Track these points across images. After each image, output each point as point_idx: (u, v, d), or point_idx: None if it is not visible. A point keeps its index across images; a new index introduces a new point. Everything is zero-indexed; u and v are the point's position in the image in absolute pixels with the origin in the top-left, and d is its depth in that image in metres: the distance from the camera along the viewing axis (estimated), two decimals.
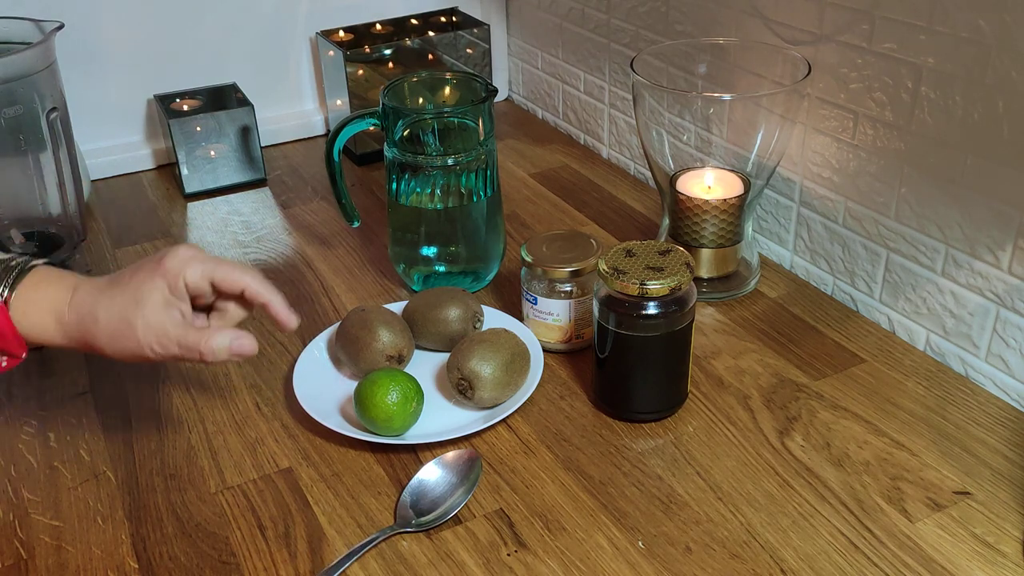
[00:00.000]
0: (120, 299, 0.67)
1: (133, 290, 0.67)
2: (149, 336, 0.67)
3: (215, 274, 0.69)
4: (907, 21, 0.80)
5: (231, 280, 0.70)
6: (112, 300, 0.67)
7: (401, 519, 0.70)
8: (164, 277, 0.68)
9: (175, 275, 0.68)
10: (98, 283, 0.69)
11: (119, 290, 0.68)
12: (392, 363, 0.82)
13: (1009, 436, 0.76)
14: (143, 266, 0.69)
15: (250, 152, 1.22)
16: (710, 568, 0.66)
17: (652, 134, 0.94)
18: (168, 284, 0.68)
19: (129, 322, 0.67)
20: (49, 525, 0.72)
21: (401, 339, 0.83)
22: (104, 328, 0.67)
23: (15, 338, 0.67)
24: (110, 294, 0.68)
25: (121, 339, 0.67)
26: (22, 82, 0.98)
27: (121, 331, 0.67)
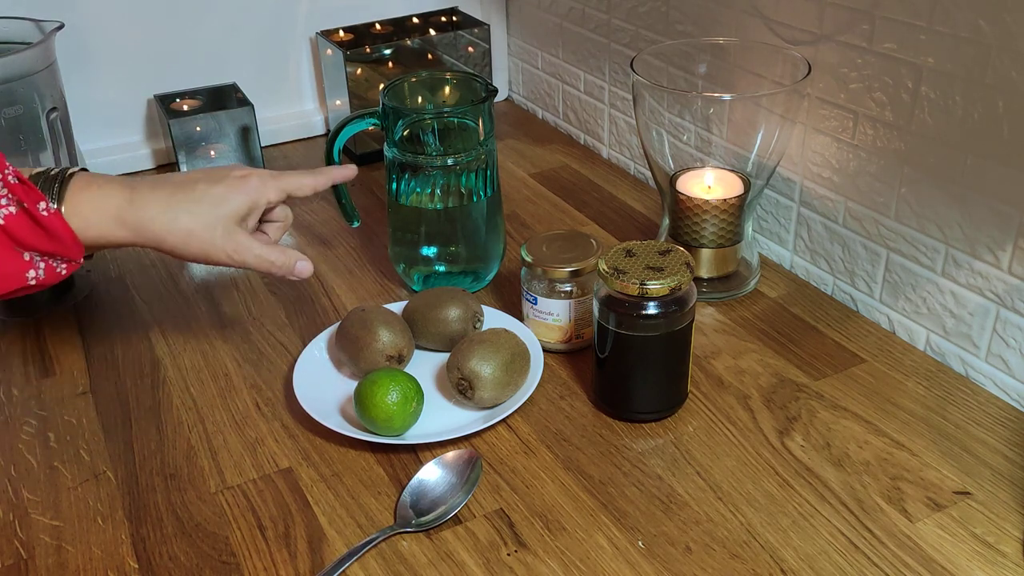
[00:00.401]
0: (202, 205, 0.73)
1: (215, 200, 0.73)
2: (228, 244, 0.74)
3: (291, 189, 0.78)
4: (907, 21, 0.80)
5: (305, 190, 0.80)
6: (193, 204, 0.73)
7: (401, 519, 0.70)
8: (248, 194, 0.75)
9: (260, 193, 0.75)
10: (165, 183, 0.74)
11: (198, 195, 0.73)
12: (392, 363, 0.82)
13: (1009, 436, 0.76)
14: (222, 178, 0.75)
15: (250, 152, 1.22)
16: (710, 568, 0.66)
17: (652, 134, 0.94)
18: (252, 200, 0.75)
19: (211, 227, 0.73)
20: (49, 525, 0.72)
21: (401, 339, 0.83)
22: (180, 229, 0.72)
23: (73, 242, 0.71)
24: (188, 197, 0.73)
25: (197, 241, 0.73)
26: (22, 82, 0.98)
27: (198, 234, 0.73)
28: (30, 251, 0.69)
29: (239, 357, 0.89)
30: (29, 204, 0.68)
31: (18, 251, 0.69)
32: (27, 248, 0.69)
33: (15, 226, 0.68)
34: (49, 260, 0.71)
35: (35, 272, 0.70)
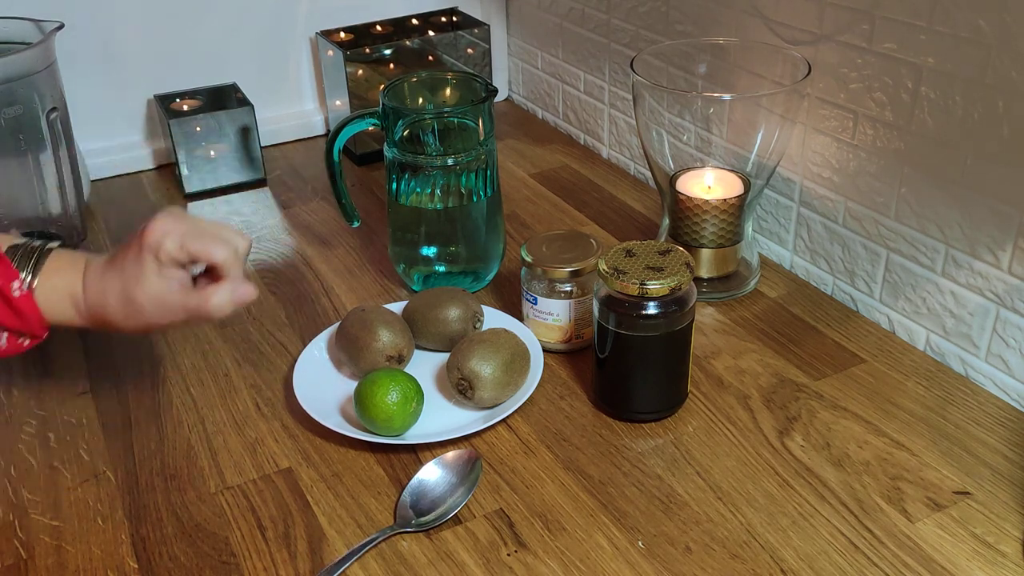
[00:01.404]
0: (119, 280, 0.70)
1: (128, 269, 0.70)
2: (154, 309, 0.70)
3: (190, 247, 0.70)
4: (907, 21, 0.80)
5: (204, 254, 0.70)
6: (113, 282, 0.71)
7: (401, 519, 0.70)
8: (149, 252, 0.69)
9: (155, 250, 0.69)
10: (101, 264, 0.72)
11: (117, 271, 0.71)
12: (392, 363, 0.82)
13: (1009, 436, 0.76)
14: (131, 243, 0.71)
15: (250, 152, 1.22)
16: (710, 568, 0.66)
17: (652, 134, 0.94)
18: (154, 258, 0.69)
19: (134, 300, 0.70)
20: (49, 525, 0.72)
21: (401, 339, 0.83)
22: (115, 309, 0.71)
23: (39, 321, 0.71)
24: (111, 276, 0.71)
25: (133, 317, 0.71)
26: (22, 82, 0.98)
27: (130, 310, 0.71)
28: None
29: (239, 357, 0.89)
30: (3, 283, 0.69)
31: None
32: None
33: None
34: (13, 334, 0.72)
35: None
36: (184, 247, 0.70)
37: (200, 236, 0.70)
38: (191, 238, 0.70)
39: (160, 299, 0.70)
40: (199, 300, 0.70)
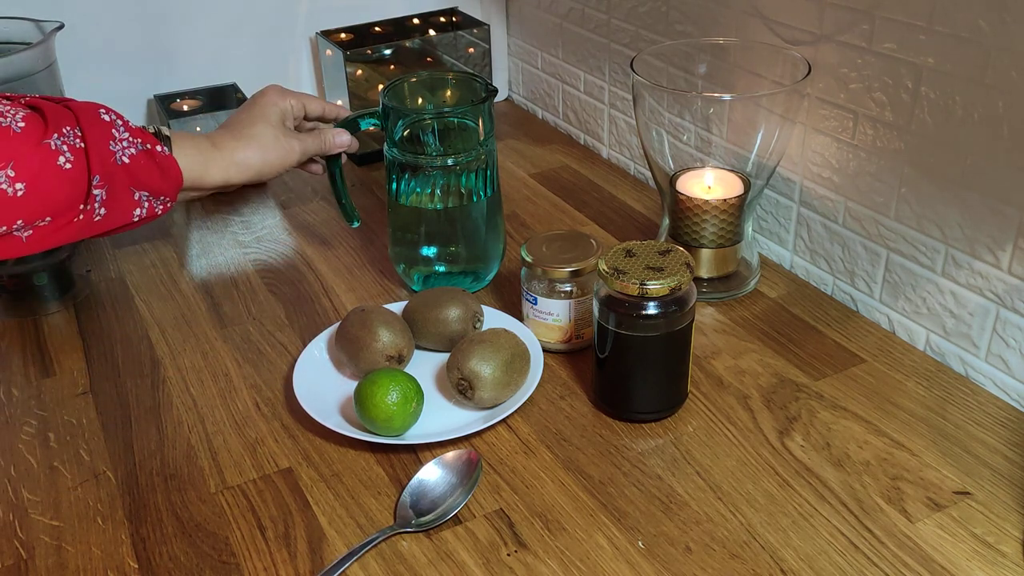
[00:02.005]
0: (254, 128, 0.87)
1: (254, 121, 0.88)
2: (286, 147, 0.88)
3: (304, 102, 0.93)
4: (907, 21, 0.80)
5: (315, 107, 0.95)
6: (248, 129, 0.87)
7: (401, 519, 0.70)
8: (274, 103, 0.90)
9: (279, 96, 0.90)
10: (224, 130, 0.88)
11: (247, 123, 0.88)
12: (392, 363, 0.82)
13: (1009, 436, 0.76)
14: (251, 105, 0.90)
15: None
16: (710, 568, 0.66)
17: (652, 134, 0.94)
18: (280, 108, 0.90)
19: (273, 140, 0.88)
20: (49, 525, 0.72)
21: (401, 339, 0.83)
22: (254, 154, 0.86)
23: (179, 180, 0.81)
24: (244, 129, 0.87)
25: (272, 154, 0.87)
26: (22, 82, 0.98)
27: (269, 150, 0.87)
28: (141, 190, 0.78)
29: (239, 357, 0.89)
30: (151, 146, 0.78)
31: (131, 190, 0.77)
32: (141, 187, 0.78)
33: (136, 164, 0.77)
34: (152, 200, 0.80)
35: (140, 211, 0.79)
36: (302, 104, 0.92)
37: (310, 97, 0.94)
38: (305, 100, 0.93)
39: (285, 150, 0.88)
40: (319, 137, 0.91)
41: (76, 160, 0.73)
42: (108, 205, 0.76)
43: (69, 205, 0.74)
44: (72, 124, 0.74)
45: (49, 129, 0.72)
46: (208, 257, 1.06)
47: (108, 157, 0.75)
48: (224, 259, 1.06)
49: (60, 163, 0.72)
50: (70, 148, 0.73)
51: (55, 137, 0.72)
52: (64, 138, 0.73)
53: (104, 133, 0.75)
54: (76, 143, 0.74)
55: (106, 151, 0.75)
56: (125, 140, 0.77)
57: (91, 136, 0.74)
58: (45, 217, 0.73)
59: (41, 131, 0.72)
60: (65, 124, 0.74)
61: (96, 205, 0.75)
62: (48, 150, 0.72)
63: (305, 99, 0.93)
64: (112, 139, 0.76)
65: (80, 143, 0.74)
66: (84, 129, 0.74)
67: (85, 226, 0.75)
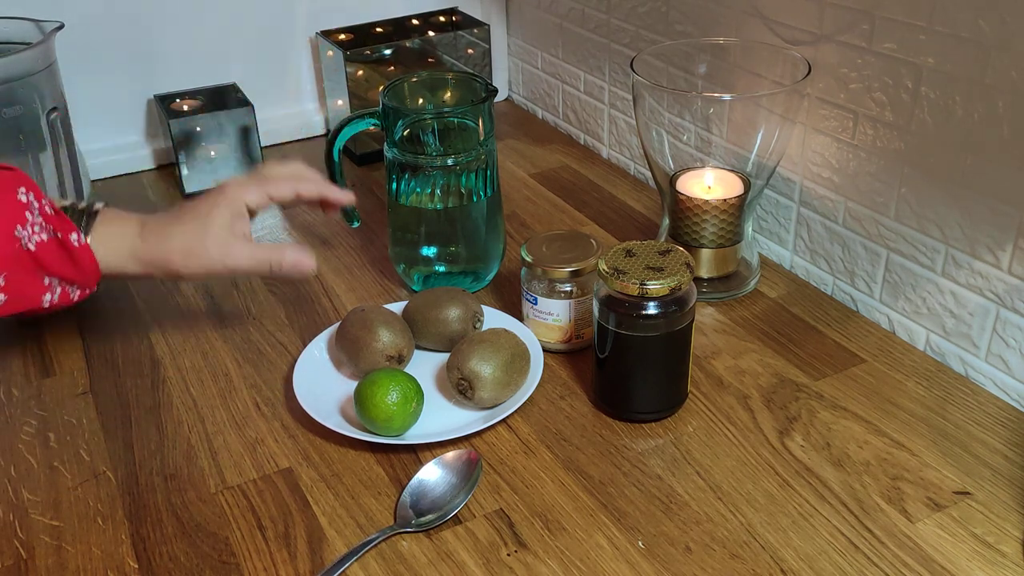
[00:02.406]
0: (191, 225, 0.79)
1: (202, 216, 0.79)
2: (220, 253, 0.79)
3: (272, 193, 0.82)
4: (907, 21, 0.80)
5: (287, 195, 0.83)
6: (184, 226, 0.79)
7: (401, 519, 0.70)
8: (225, 204, 0.79)
9: (236, 199, 0.80)
10: (164, 216, 0.81)
11: (188, 218, 0.79)
12: (392, 363, 0.82)
13: (1009, 436, 0.76)
14: (205, 198, 0.81)
15: (250, 152, 1.22)
16: (710, 568, 0.66)
17: (652, 134, 0.94)
18: (230, 208, 0.79)
19: (202, 242, 0.78)
20: (49, 525, 0.72)
21: (401, 339, 0.83)
22: (178, 250, 0.78)
23: (94, 272, 0.77)
24: (180, 222, 0.79)
25: (194, 258, 0.78)
26: (22, 82, 0.98)
27: (195, 251, 0.78)
28: (52, 277, 0.74)
29: (239, 357, 0.89)
30: (63, 234, 0.74)
31: (40, 276, 0.73)
32: (51, 274, 0.73)
33: (45, 253, 0.73)
34: (66, 286, 0.75)
35: (51, 296, 0.75)
36: (266, 195, 0.81)
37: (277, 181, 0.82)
38: (269, 185, 0.82)
39: (227, 244, 0.79)
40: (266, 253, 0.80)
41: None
42: (8, 291, 0.72)
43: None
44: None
45: None
46: None
47: (11, 243, 0.71)
48: None
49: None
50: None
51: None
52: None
53: (14, 215, 0.71)
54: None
55: (9, 236, 0.70)
56: (38, 225, 0.72)
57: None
58: None
59: None
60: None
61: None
62: None
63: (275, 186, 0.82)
64: (23, 222, 0.71)
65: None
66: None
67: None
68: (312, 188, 0.85)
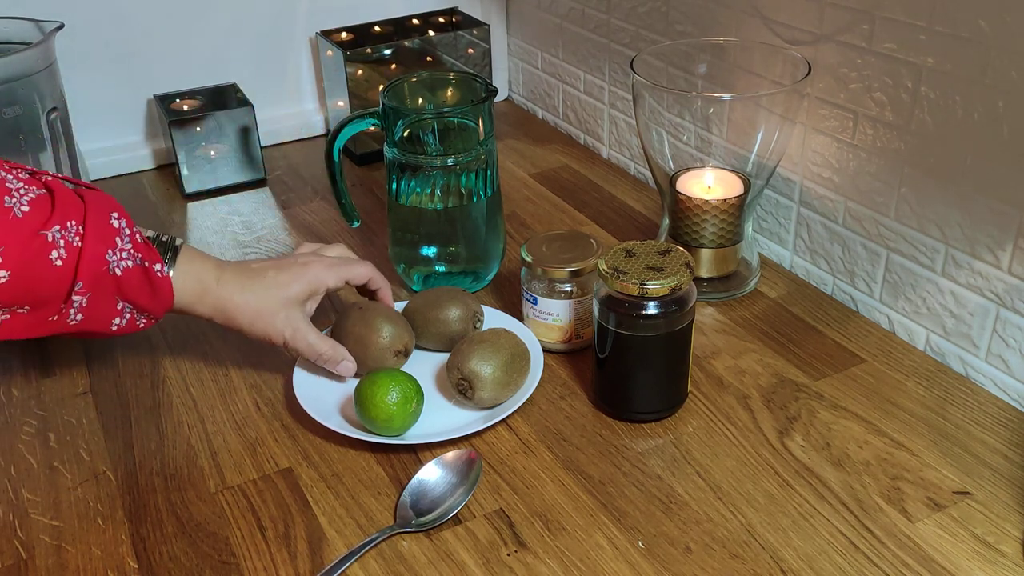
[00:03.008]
0: (269, 291, 0.80)
1: (282, 286, 0.80)
2: (287, 328, 0.80)
3: (349, 277, 0.84)
4: (907, 21, 0.80)
5: (361, 280, 0.85)
6: (262, 288, 0.80)
7: (401, 519, 0.70)
8: (309, 283, 0.81)
9: (319, 281, 0.82)
10: (243, 268, 0.81)
11: (268, 282, 0.80)
12: (400, 357, 0.82)
13: (1009, 436, 0.76)
14: (288, 266, 0.82)
15: (250, 152, 1.22)
16: (710, 568, 0.66)
17: (652, 134, 0.94)
18: (311, 288, 0.82)
19: (273, 311, 0.80)
20: (49, 525, 0.72)
21: (404, 332, 0.83)
22: (249, 309, 0.79)
23: (169, 302, 0.77)
24: (259, 282, 0.80)
25: (261, 322, 0.80)
26: (22, 82, 0.98)
27: (264, 316, 0.79)
28: (127, 302, 0.74)
29: (239, 357, 0.89)
30: (149, 263, 0.75)
31: (116, 300, 0.74)
32: (127, 300, 0.74)
33: (129, 279, 0.73)
34: (135, 313, 0.76)
35: (120, 321, 0.76)
36: (343, 278, 0.84)
37: (354, 265, 0.85)
38: (349, 269, 0.84)
39: (296, 324, 0.80)
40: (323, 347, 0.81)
41: (68, 259, 0.70)
42: (86, 312, 0.72)
43: (50, 301, 0.70)
44: (79, 219, 0.71)
45: (53, 219, 0.69)
46: None
47: (101, 265, 0.71)
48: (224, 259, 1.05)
49: (52, 257, 0.69)
50: (67, 245, 0.70)
51: (55, 229, 0.69)
52: (65, 232, 0.70)
53: (106, 240, 0.72)
54: (75, 241, 0.70)
55: (101, 259, 0.71)
56: (126, 251, 0.73)
57: (91, 239, 0.71)
58: (24, 305, 0.70)
59: (44, 219, 0.69)
60: (71, 218, 0.70)
61: (73, 311, 0.72)
62: (44, 241, 0.69)
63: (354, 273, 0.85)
64: (113, 247, 0.72)
65: (79, 242, 0.71)
66: (87, 229, 0.71)
67: (58, 326, 0.72)
68: (379, 278, 0.87)
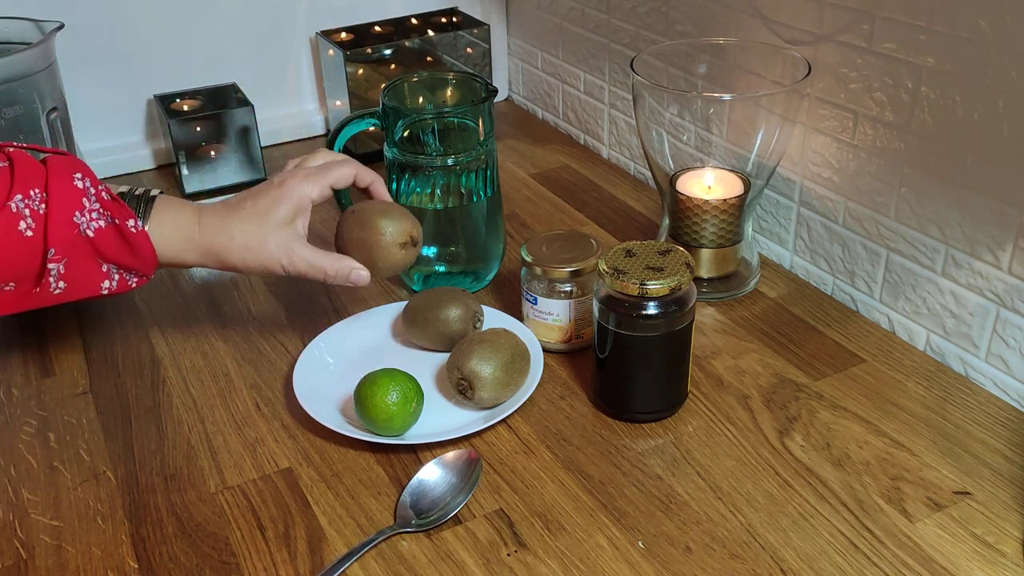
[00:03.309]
0: (252, 220, 0.76)
1: (263, 212, 0.76)
2: (282, 253, 0.76)
3: (332, 182, 0.79)
4: (907, 21, 0.80)
5: (346, 180, 0.80)
6: (244, 220, 0.76)
7: (401, 519, 0.70)
8: (289, 199, 0.77)
9: (301, 194, 0.77)
10: (221, 207, 0.77)
11: (247, 213, 0.76)
12: (408, 248, 0.81)
13: (1009, 436, 0.76)
14: (264, 191, 0.78)
15: (250, 152, 1.22)
16: (710, 568, 0.66)
17: (652, 134, 0.94)
18: (294, 204, 0.77)
19: (262, 240, 0.75)
20: (49, 525, 0.72)
21: (406, 222, 0.82)
22: (238, 244, 0.75)
23: (152, 258, 0.75)
24: (240, 215, 0.76)
25: (252, 254, 0.76)
26: (22, 82, 0.98)
27: (253, 248, 0.75)
28: (110, 263, 0.73)
29: (239, 357, 0.89)
30: (120, 220, 0.72)
31: (99, 262, 0.72)
32: (109, 261, 0.72)
33: (103, 239, 0.71)
34: (123, 273, 0.74)
35: (109, 283, 0.74)
36: (327, 185, 0.78)
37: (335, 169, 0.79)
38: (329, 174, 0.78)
39: (288, 245, 0.76)
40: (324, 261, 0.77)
41: (36, 227, 0.68)
42: (68, 278, 0.70)
43: (30, 273, 0.69)
44: (41, 186, 0.69)
45: (14, 189, 0.67)
46: None
47: (70, 229, 0.69)
48: None
49: (21, 228, 0.67)
50: (32, 213, 0.68)
51: (18, 199, 0.67)
52: (29, 201, 0.68)
53: (71, 201, 0.69)
54: (40, 208, 0.68)
55: (68, 222, 0.69)
56: (95, 211, 0.71)
57: (55, 204, 0.68)
58: (8, 283, 0.69)
59: (4, 191, 0.67)
60: (34, 186, 0.68)
61: (52, 279, 0.69)
62: (9, 213, 0.67)
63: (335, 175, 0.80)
64: (80, 209, 0.70)
65: (44, 208, 0.68)
66: (50, 194, 0.68)
67: (44, 298, 0.70)
68: (366, 173, 0.82)
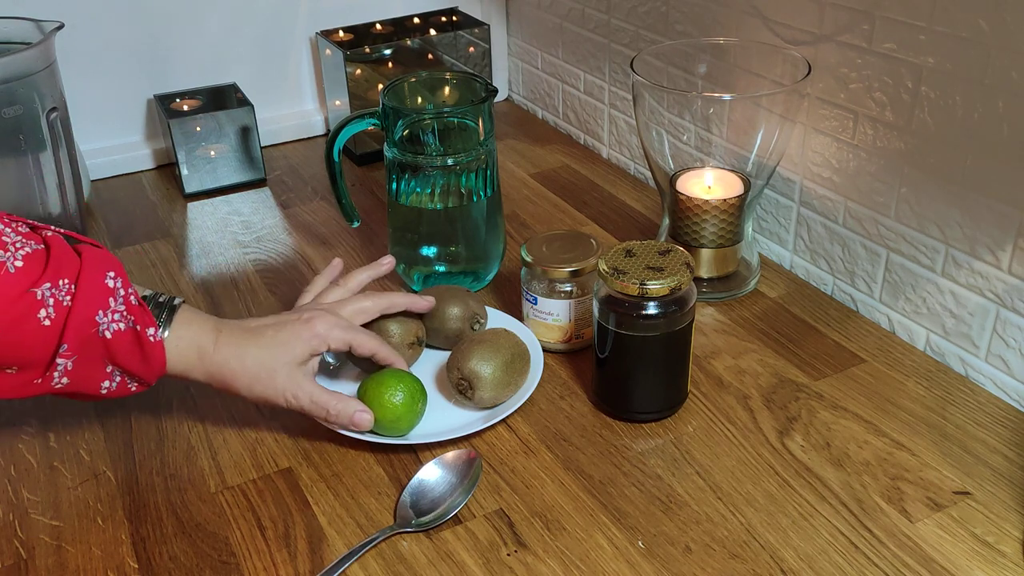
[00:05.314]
0: (267, 351, 0.75)
1: (280, 345, 0.75)
2: (288, 388, 0.75)
3: (353, 345, 0.78)
4: (907, 21, 0.80)
5: (366, 350, 0.78)
6: (261, 348, 0.75)
7: (401, 519, 0.70)
8: (309, 342, 0.76)
9: (320, 341, 0.76)
10: (240, 329, 0.76)
11: (266, 341, 0.75)
12: (416, 347, 0.83)
13: (1009, 436, 0.76)
14: (289, 324, 0.77)
15: (250, 152, 1.22)
16: (710, 568, 0.66)
17: (652, 134, 0.94)
18: (312, 348, 0.76)
19: (272, 373, 0.74)
20: (49, 525, 0.72)
21: (412, 323, 0.83)
22: (247, 373, 0.74)
23: (160, 369, 0.72)
24: (256, 343, 0.75)
25: (260, 385, 0.75)
26: (22, 82, 0.98)
27: (262, 379, 0.74)
28: (116, 367, 0.71)
29: None
30: (141, 327, 0.71)
31: (105, 363, 0.70)
32: (116, 364, 0.71)
33: (119, 342, 0.70)
34: (127, 377, 0.72)
35: (109, 384, 0.72)
36: (347, 342, 0.77)
37: (361, 335, 0.78)
38: (354, 336, 0.78)
39: (297, 382, 0.75)
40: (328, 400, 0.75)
41: (56, 319, 0.66)
42: (72, 375, 0.69)
43: (38, 363, 0.68)
44: (72, 277, 0.68)
45: (45, 276, 0.66)
46: (208, 257, 1.06)
47: (89, 327, 0.68)
48: (224, 259, 1.06)
49: (40, 317, 0.66)
50: (56, 304, 0.67)
51: (46, 286, 0.66)
52: (56, 290, 0.67)
53: (99, 300, 0.68)
54: (65, 300, 0.67)
55: (90, 320, 0.68)
56: (119, 313, 0.69)
57: (81, 299, 0.67)
58: (12, 366, 0.67)
59: (36, 276, 0.66)
60: (64, 275, 0.67)
61: (57, 373, 0.68)
62: (33, 299, 0.66)
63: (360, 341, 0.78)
64: (105, 308, 0.69)
65: (68, 301, 0.67)
66: (79, 288, 0.68)
67: (43, 388, 0.69)
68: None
